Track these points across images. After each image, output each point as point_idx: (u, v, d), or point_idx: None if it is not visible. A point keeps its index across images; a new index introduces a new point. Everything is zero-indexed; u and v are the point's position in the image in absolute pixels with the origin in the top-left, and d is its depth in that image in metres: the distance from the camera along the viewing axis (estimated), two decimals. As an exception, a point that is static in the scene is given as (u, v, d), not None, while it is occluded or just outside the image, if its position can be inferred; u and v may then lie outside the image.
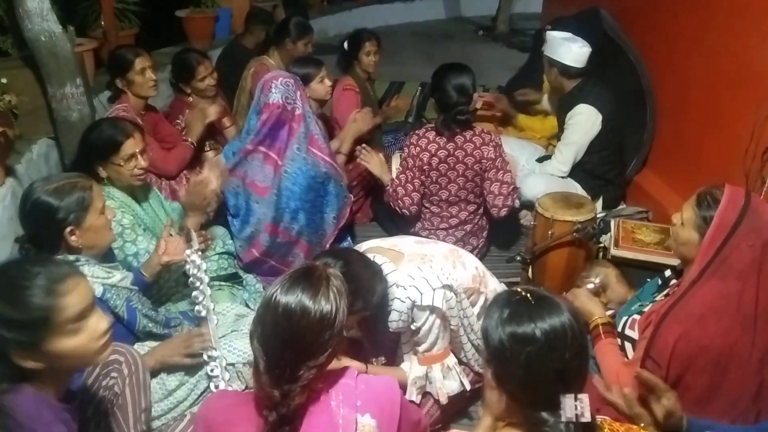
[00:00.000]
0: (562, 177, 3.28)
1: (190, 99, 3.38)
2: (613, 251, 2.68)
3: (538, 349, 1.19)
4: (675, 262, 1.94)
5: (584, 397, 1.16)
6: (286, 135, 2.64)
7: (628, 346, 1.87)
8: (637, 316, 1.86)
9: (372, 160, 3.02)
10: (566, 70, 3.23)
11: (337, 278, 1.36)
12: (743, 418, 1.63)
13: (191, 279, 2.15)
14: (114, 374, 1.68)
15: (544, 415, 1.19)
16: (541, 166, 3.41)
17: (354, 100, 3.58)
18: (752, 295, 1.59)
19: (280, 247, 2.74)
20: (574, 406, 1.15)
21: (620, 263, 2.69)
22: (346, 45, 3.70)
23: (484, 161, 2.74)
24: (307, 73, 3.05)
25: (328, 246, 2.80)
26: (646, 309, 1.84)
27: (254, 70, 3.79)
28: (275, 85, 2.65)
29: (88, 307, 1.34)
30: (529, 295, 1.26)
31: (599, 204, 3.31)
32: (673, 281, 1.92)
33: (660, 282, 1.96)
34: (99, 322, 1.35)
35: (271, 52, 3.92)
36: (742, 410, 1.62)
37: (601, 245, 2.80)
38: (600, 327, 1.88)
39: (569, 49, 3.19)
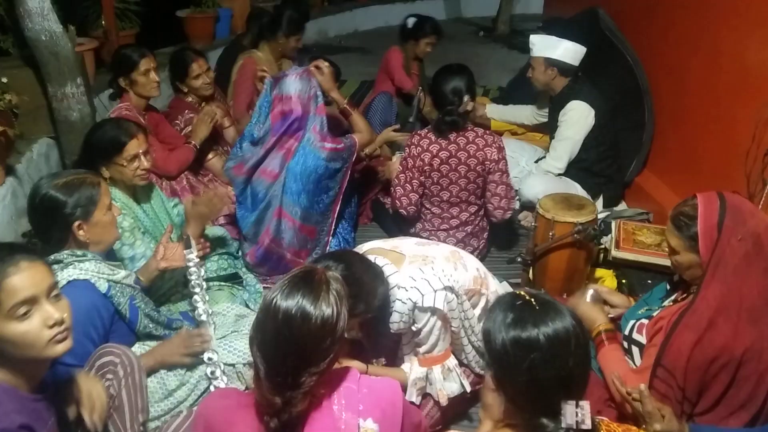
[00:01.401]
0: (559, 175, 3.29)
1: (189, 99, 3.37)
2: (614, 253, 2.68)
3: (541, 355, 1.18)
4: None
5: (585, 404, 1.15)
6: (300, 124, 2.70)
7: (635, 350, 1.86)
8: (645, 320, 1.84)
9: (389, 170, 3.12)
10: (566, 69, 3.24)
11: (336, 281, 1.35)
12: (755, 419, 1.63)
13: (191, 284, 2.15)
14: (109, 376, 1.66)
15: (545, 420, 1.19)
16: (536, 165, 3.42)
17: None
18: (752, 287, 1.59)
19: (284, 233, 2.76)
20: (575, 413, 1.14)
21: (621, 265, 2.69)
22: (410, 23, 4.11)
23: (488, 163, 2.73)
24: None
25: (333, 225, 2.84)
26: (654, 314, 1.83)
27: (242, 63, 3.81)
28: (292, 79, 2.71)
29: (41, 292, 1.33)
30: (533, 299, 1.25)
31: (600, 203, 3.32)
32: (681, 288, 1.91)
33: (668, 287, 1.95)
34: (52, 311, 1.34)
35: (262, 45, 3.92)
36: (754, 412, 1.62)
37: (602, 247, 2.80)
38: (603, 333, 1.86)
39: (568, 48, 3.21)
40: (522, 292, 1.28)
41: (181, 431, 1.81)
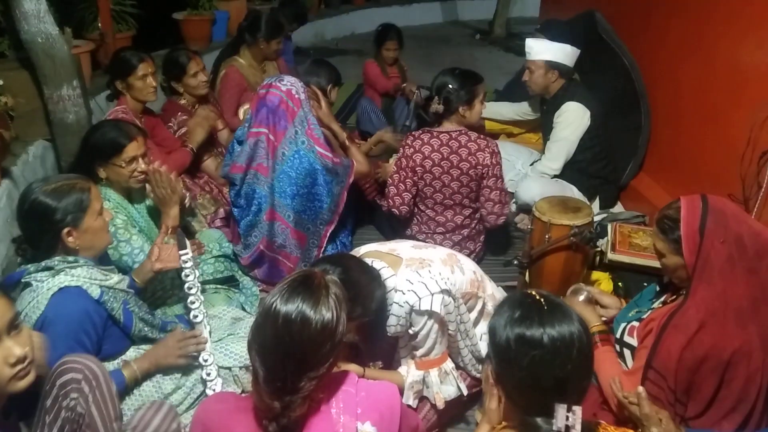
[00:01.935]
0: (555, 177, 3.30)
1: (183, 101, 3.36)
2: (610, 255, 2.69)
3: (542, 354, 1.19)
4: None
5: (577, 410, 1.15)
6: (286, 118, 2.70)
7: (627, 353, 1.88)
8: (635, 323, 1.86)
9: (384, 172, 3.17)
10: (565, 71, 3.28)
11: (335, 285, 1.35)
12: (746, 421, 1.64)
13: (186, 285, 2.15)
14: (73, 394, 1.52)
15: (539, 420, 1.20)
16: (532, 168, 3.42)
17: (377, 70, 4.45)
18: (738, 289, 1.61)
19: (278, 236, 2.75)
20: (566, 417, 1.14)
21: (617, 267, 2.70)
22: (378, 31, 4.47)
23: (480, 167, 2.74)
24: (326, 84, 3.09)
25: (327, 236, 2.83)
26: (644, 316, 1.84)
27: (225, 72, 3.81)
28: (287, 78, 2.77)
29: (1, 329, 1.27)
30: (543, 299, 1.26)
31: (596, 204, 3.34)
32: (670, 289, 1.92)
33: (658, 288, 1.96)
34: (13, 348, 1.28)
35: (243, 50, 3.92)
36: (745, 413, 1.63)
37: (598, 249, 2.81)
38: (597, 335, 1.88)
39: (566, 50, 3.26)
40: (533, 292, 1.29)
41: (146, 419, 1.72)
